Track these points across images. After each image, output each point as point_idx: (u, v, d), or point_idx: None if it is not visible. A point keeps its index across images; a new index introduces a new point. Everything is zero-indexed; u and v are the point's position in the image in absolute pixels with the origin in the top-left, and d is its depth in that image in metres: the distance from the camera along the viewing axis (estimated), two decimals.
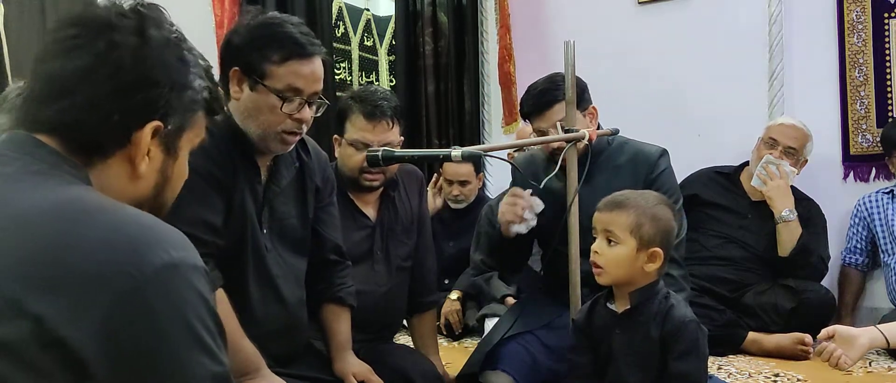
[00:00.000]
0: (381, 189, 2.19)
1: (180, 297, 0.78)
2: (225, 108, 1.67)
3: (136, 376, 0.75)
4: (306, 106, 1.63)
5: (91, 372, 0.72)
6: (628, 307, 1.64)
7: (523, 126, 3.50)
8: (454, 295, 3.22)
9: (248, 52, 1.59)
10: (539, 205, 2.03)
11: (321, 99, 1.67)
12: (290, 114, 1.60)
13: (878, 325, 1.86)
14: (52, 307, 0.72)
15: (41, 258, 0.75)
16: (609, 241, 1.62)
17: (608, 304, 1.69)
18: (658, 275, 1.65)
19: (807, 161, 3.13)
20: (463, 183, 3.46)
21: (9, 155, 0.85)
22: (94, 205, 0.82)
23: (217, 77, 1.70)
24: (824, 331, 1.78)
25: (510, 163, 2.11)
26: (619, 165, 2.21)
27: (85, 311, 0.73)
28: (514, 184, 2.38)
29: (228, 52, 1.64)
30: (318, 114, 1.69)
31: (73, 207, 0.80)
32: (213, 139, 1.59)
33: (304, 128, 1.67)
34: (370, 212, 2.19)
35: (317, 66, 1.62)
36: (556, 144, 2.11)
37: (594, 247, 1.66)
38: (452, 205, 3.48)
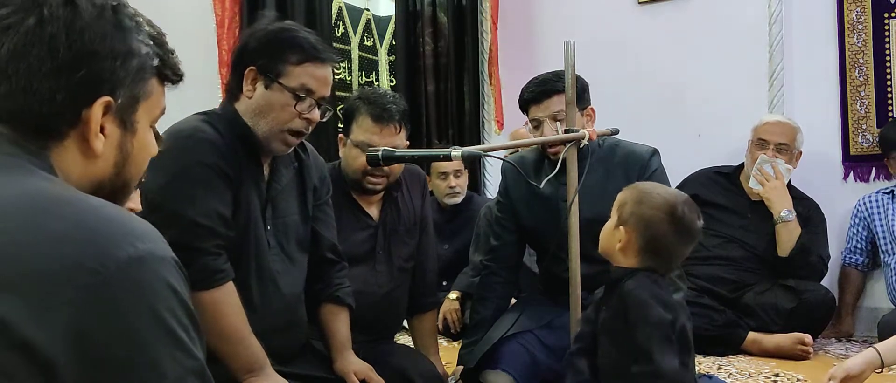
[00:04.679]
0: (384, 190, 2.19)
1: (149, 291, 0.74)
2: (235, 104, 1.71)
3: (108, 375, 0.72)
4: (316, 107, 1.71)
5: (60, 374, 0.69)
6: (610, 281, 1.66)
7: (524, 129, 3.51)
8: (453, 295, 3.21)
9: (266, 52, 1.67)
10: None
11: (327, 106, 1.75)
12: (300, 113, 1.67)
13: (875, 345, 1.87)
14: (15, 308, 0.69)
15: (2, 256, 0.71)
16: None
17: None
18: (639, 263, 1.62)
19: (801, 153, 3.14)
20: (457, 173, 3.44)
21: None
22: (56, 197, 0.78)
23: (226, 78, 1.73)
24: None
25: (510, 163, 2.11)
26: (611, 166, 2.21)
27: (50, 311, 0.70)
28: (505, 185, 2.39)
29: (245, 54, 1.70)
30: (324, 120, 1.77)
31: (33, 201, 0.76)
32: (220, 136, 1.62)
33: (310, 129, 1.74)
34: (373, 212, 2.20)
35: (329, 72, 1.72)
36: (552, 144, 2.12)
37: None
38: (449, 202, 3.45)
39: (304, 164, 1.87)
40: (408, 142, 2.16)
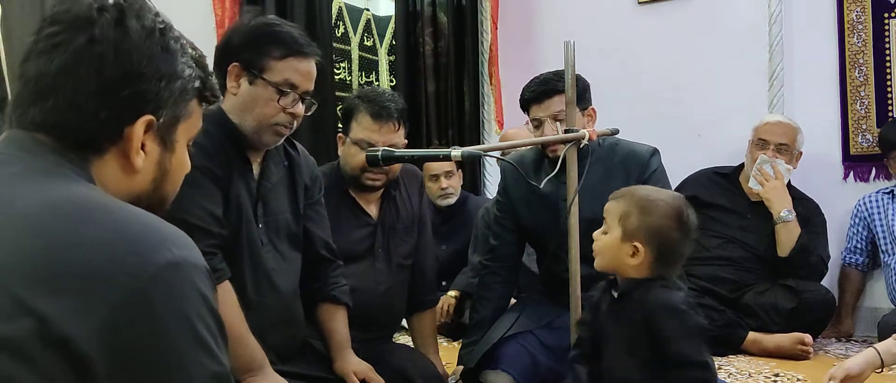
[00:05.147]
0: (383, 188, 2.20)
1: (182, 296, 0.78)
2: (220, 103, 1.71)
3: (138, 374, 0.75)
4: (300, 102, 1.71)
5: (94, 370, 0.73)
6: (622, 292, 1.65)
7: (516, 130, 3.50)
8: (452, 292, 3.21)
9: (248, 48, 1.67)
10: None
11: (311, 99, 1.75)
12: (284, 108, 1.68)
13: (875, 345, 1.87)
14: (56, 305, 0.72)
15: (45, 257, 0.75)
16: (603, 230, 1.65)
17: (612, 290, 1.70)
18: (651, 273, 1.62)
19: (801, 153, 3.14)
20: (448, 173, 3.42)
21: (11, 154, 0.85)
22: (98, 203, 0.82)
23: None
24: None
25: (510, 163, 2.11)
26: (611, 166, 2.21)
27: (88, 309, 0.73)
28: (505, 184, 2.39)
29: (228, 50, 1.70)
30: (308, 114, 1.77)
31: (76, 206, 0.80)
32: (207, 136, 1.62)
33: (296, 124, 1.74)
34: (372, 210, 2.20)
35: (312, 66, 1.72)
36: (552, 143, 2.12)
37: (595, 234, 1.68)
38: (442, 203, 3.44)
39: (295, 163, 1.88)
40: (406, 140, 2.16)
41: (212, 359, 0.80)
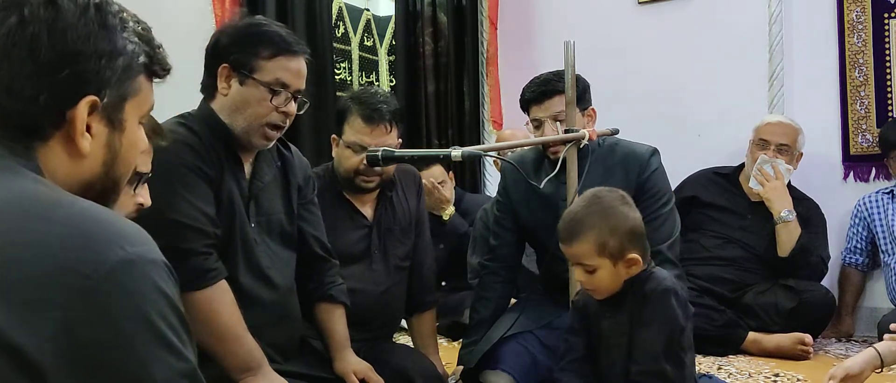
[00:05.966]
0: (379, 189, 2.20)
1: (139, 294, 0.74)
2: (210, 103, 1.71)
3: (99, 379, 0.72)
4: (292, 100, 1.71)
5: (48, 377, 0.69)
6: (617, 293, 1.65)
7: (512, 131, 3.50)
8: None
9: (238, 48, 1.67)
10: None
11: (303, 98, 1.76)
12: (276, 107, 1.68)
13: (875, 345, 1.87)
14: (3, 313, 0.69)
15: None
16: (586, 270, 1.62)
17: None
18: (645, 263, 1.64)
19: (802, 154, 3.14)
20: (442, 184, 3.38)
21: None
22: (45, 199, 0.77)
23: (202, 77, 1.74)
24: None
25: (510, 163, 2.11)
26: (610, 166, 2.20)
27: (39, 315, 0.69)
28: (505, 184, 2.38)
29: (216, 51, 1.70)
30: (301, 112, 1.78)
31: (21, 204, 0.76)
32: (196, 136, 1.63)
33: (288, 122, 1.74)
34: (367, 211, 2.19)
35: (302, 64, 1.72)
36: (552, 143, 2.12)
37: (576, 276, 1.67)
38: (436, 213, 3.39)
39: (288, 163, 1.88)
40: (400, 141, 2.16)
41: (176, 357, 0.76)
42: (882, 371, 1.84)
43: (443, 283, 3.29)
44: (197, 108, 1.76)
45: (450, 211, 3.40)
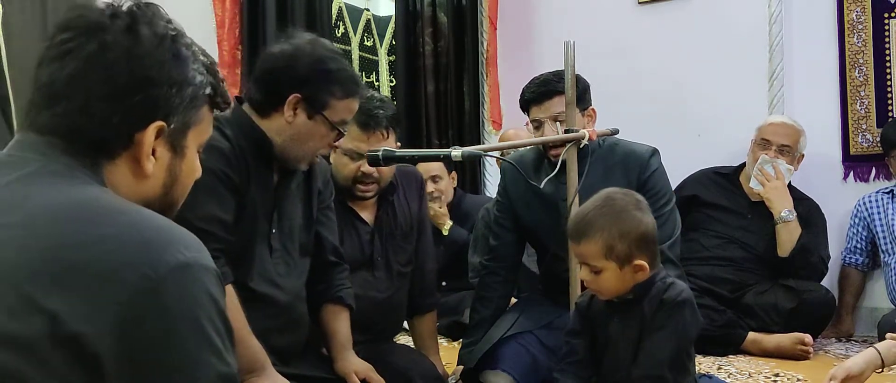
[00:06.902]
0: (376, 195, 2.19)
1: (192, 297, 0.79)
2: (244, 108, 1.72)
3: (146, 373, 0.76)
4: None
5: (104, 368, 0.73)
6: (629, 297, 1.64)
7: (515, 130, 3.49)
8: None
9: (313, 83, 1.67)
10: None
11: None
12: (331, 143, 1.74)
13: (875, 345, 1.87)
14: (67, 303, 0.73)
15: (56, 255, 0.76)
16: (591, 270, 1.62)
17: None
18: (654, 270, 1.63)
19: (803, 155, 3.14)
20: (435, 178, 3.36)
21: (24, 156, 0.86)
22: (111, 205, 0.83)
23: (245, 88, 1.75)
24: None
25: (510, 163, 2.11)
26: (610, 166, 2.20)
27: (100, 308, 0.74)
28: (505, 184, 2.38)
29: (290, 78, 1.68)
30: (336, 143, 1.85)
31: (89, 207, 0.81)
32: (228, 141, 1.63)
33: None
34: (368, 216, 2.19)
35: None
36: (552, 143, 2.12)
37: (581, 275, 1.67)
38: (435, 227, 3.37)
39: (312, 168, 1.88)
40: (398, 144, 2.15)
41: (220, 360, 0.81)
42: (882, 371, 1.84)
43: (443, 283, 3.29)
44: (231, 112, 1.76)
45: (448, 225, 3.38)
